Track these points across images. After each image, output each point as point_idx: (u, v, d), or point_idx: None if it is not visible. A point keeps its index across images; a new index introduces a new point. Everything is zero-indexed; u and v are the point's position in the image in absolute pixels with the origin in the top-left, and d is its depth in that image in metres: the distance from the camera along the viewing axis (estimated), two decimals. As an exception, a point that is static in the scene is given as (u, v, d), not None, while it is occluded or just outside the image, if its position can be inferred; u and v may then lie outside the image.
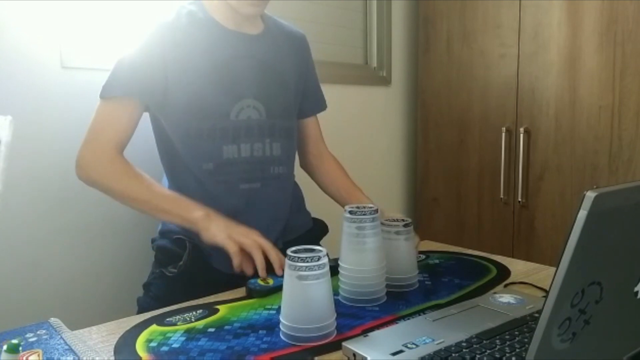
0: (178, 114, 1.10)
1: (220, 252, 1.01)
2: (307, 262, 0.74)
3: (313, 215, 1.33)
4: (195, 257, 1.06)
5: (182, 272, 1.05)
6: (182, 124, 1.11)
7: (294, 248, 0.77)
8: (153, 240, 1.20)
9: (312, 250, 0.76)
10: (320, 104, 1.37)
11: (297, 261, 0.74)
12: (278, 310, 0.86)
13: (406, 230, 0.97)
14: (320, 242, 1.30)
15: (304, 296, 0.75)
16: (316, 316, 0.75)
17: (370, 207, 0.90)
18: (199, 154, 1.11)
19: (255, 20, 1.20)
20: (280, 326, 0.77)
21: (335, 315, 0.79)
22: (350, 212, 0.89)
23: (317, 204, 1.32)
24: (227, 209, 1.09)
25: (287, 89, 1.22)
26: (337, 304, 0.89)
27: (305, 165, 1.37)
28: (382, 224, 0.96)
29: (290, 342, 0.75)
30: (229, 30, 1.15)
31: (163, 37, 1.09)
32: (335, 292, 0.91)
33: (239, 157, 1.13)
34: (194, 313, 0.87)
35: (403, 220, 0.98)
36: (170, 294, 1.00)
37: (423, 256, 1.18)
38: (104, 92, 1.08)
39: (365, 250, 0.89)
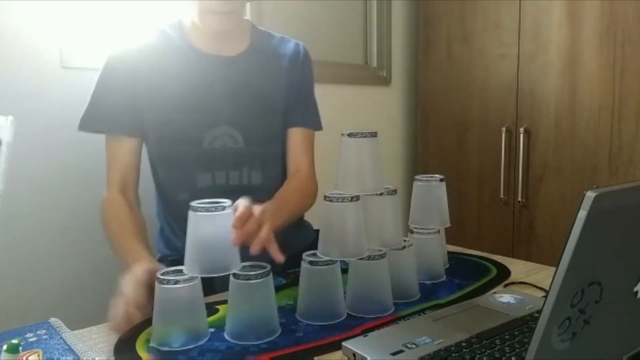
0: (152, 142, 1.10)
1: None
2: (252, 271, 0.77)
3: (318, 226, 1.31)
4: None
5: None
6: (157, 151, 1.11)
7: (247, 263, 0.79)
8: None
9: (259, 267, 0.78)
10: (306, 118, 1.22)
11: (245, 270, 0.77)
12: (278, 310, 0.86)
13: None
14: None
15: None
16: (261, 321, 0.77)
17: None
18: (174, 183, 1.11)
19: (238, 36, 1.14)
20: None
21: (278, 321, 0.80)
22: None
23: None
24: None
25: (272, 112, 1.15)
26: (337, 304, 0.89)
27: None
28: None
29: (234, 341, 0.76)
30: (205, 54, 1.11)
31: (135, 64, 1.07)
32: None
33: (213, 185, 1.10)
34: (194, 313, 0.86)
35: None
36: None
37: None
38: (90, 126, 1.08)
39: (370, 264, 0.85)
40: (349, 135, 0.85)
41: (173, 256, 1.13)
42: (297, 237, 1.22)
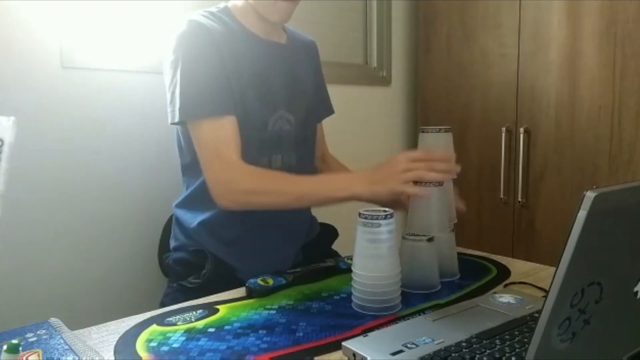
0: None
1: (245, 262, 1.05)
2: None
3: (322, 219, 1.32)
4: (217, 267, 1.06)
5: (204, 283, 1.04)
6: None
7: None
8: (165, 257, 1.18)
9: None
10: (328, 110, 1.37)
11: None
12: (278, 310, 0.87)
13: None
14: (332, 247, 1.30)
15: None
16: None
17: (385, 211, 0.85)
18: None
19: (280, 28, 1.20)
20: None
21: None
22: (364, 217, 0.85)
23: (325, 208, 1.31)
24: (249, 220, 1.10)
25: (309, 97, 1.22)
26: (338, 303, 0.90)
27: None
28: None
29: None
30: (263, 39, 1.13)
31: (219, 47, 1.05)
32: (348, 295, 0.91)
33: (269, 167, 1.12)
34: (194, 313, 0.87)
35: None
36: None
37: None
38: (197, 113, 1.03)
39: (380, 257, 0.85)
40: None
41: (194, 247, 1.11)
42: (304, 230, 1.24)
